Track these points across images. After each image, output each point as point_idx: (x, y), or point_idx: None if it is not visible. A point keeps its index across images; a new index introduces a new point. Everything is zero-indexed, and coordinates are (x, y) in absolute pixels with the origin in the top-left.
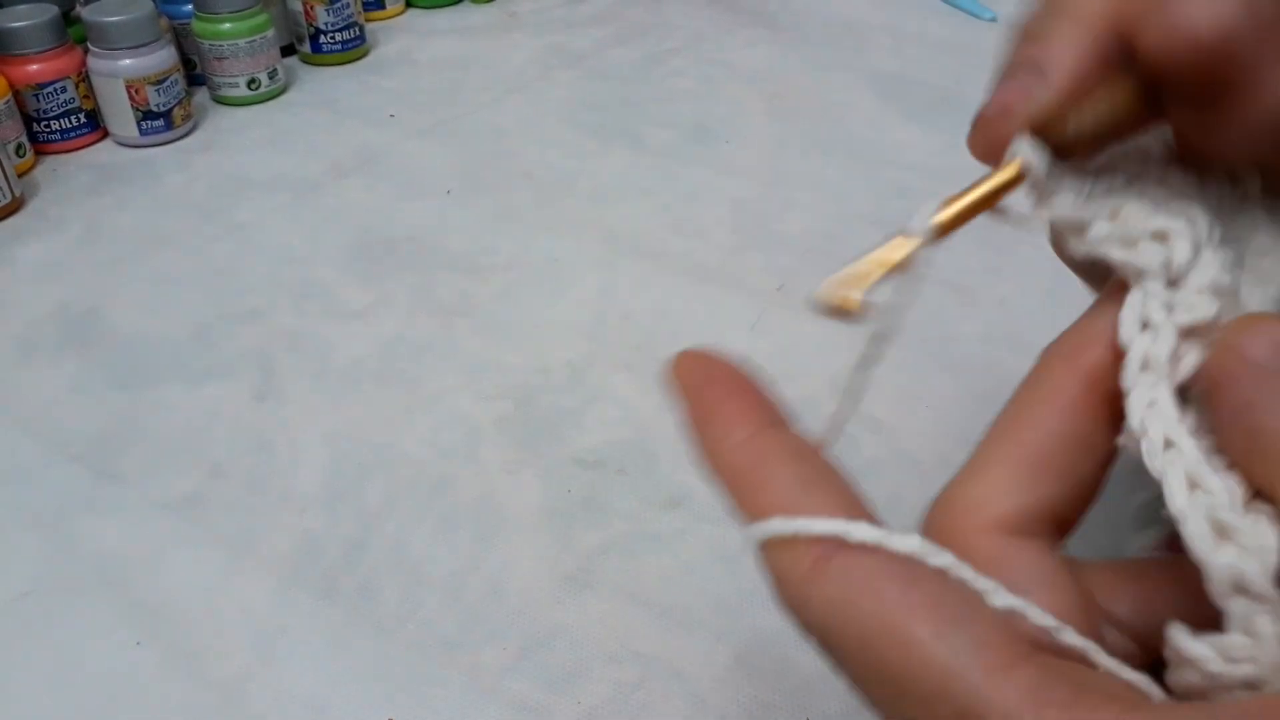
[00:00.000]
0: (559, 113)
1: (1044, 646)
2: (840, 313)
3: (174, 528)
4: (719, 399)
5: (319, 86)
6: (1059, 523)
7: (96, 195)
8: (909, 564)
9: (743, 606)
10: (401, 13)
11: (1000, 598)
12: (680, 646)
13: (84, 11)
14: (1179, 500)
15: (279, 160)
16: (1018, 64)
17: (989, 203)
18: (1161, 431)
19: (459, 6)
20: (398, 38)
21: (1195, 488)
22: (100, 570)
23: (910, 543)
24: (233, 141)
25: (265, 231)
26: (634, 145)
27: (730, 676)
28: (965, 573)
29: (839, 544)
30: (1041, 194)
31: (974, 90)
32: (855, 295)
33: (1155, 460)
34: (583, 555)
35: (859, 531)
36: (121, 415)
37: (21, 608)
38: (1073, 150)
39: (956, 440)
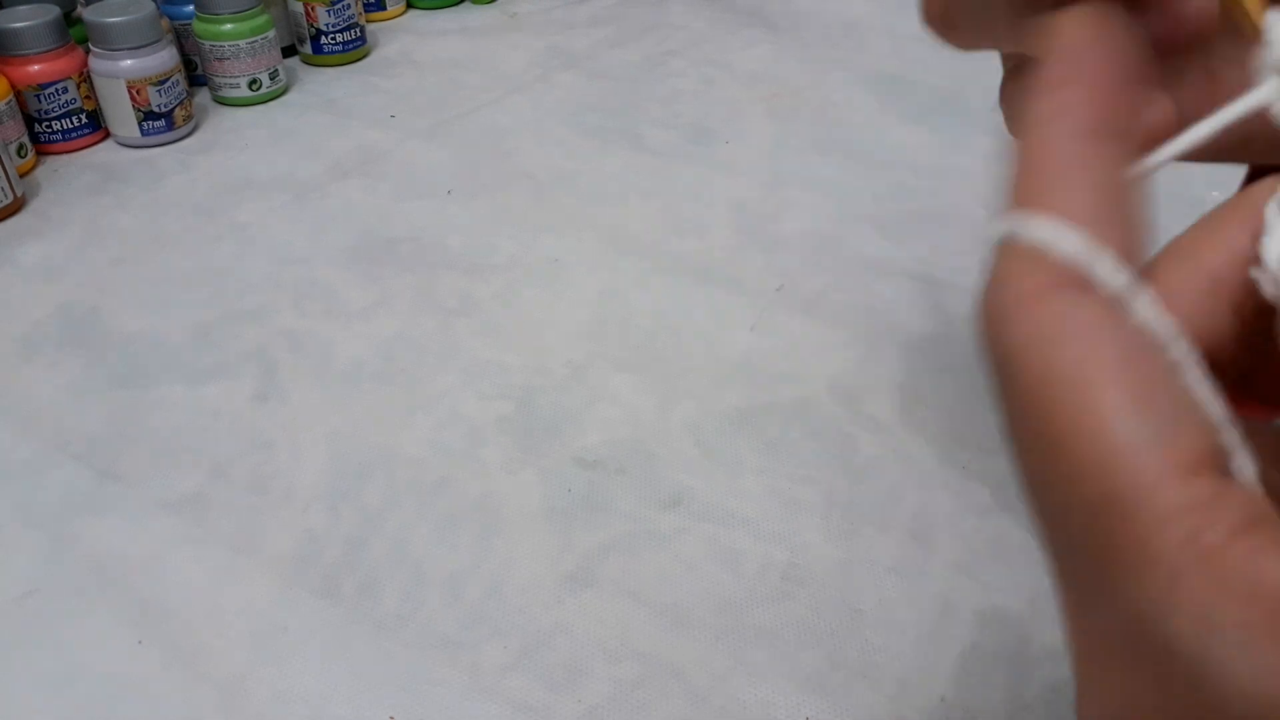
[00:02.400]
0: (559, 113)
1: (1224, 467)
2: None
3: (174, 527)
4: (1085, 73)
5: (320, 87)
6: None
7: (97, 195)
8: (1140, 338)
9: (743, 606)
10: (402, 13)
11: (1208, 391)
12: (680, 646)
13: (85, 12)
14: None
15: (280, 160)
16: None
17: None
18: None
19: (459, 7)
20: (398, 38)
21: None
22: (101, 570)
23: (1157, 319)
24: (234, 142)
25: (266, 231)
26: (634, 145)
27: (730, 676)
28: (1200, 380)
29: (1073, 280)
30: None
31: (974, 90)
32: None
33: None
34: (583, 555)
35: (1109, 276)
36: (122, 415)
37: (22, 608)
38: None
39: (957, 440)
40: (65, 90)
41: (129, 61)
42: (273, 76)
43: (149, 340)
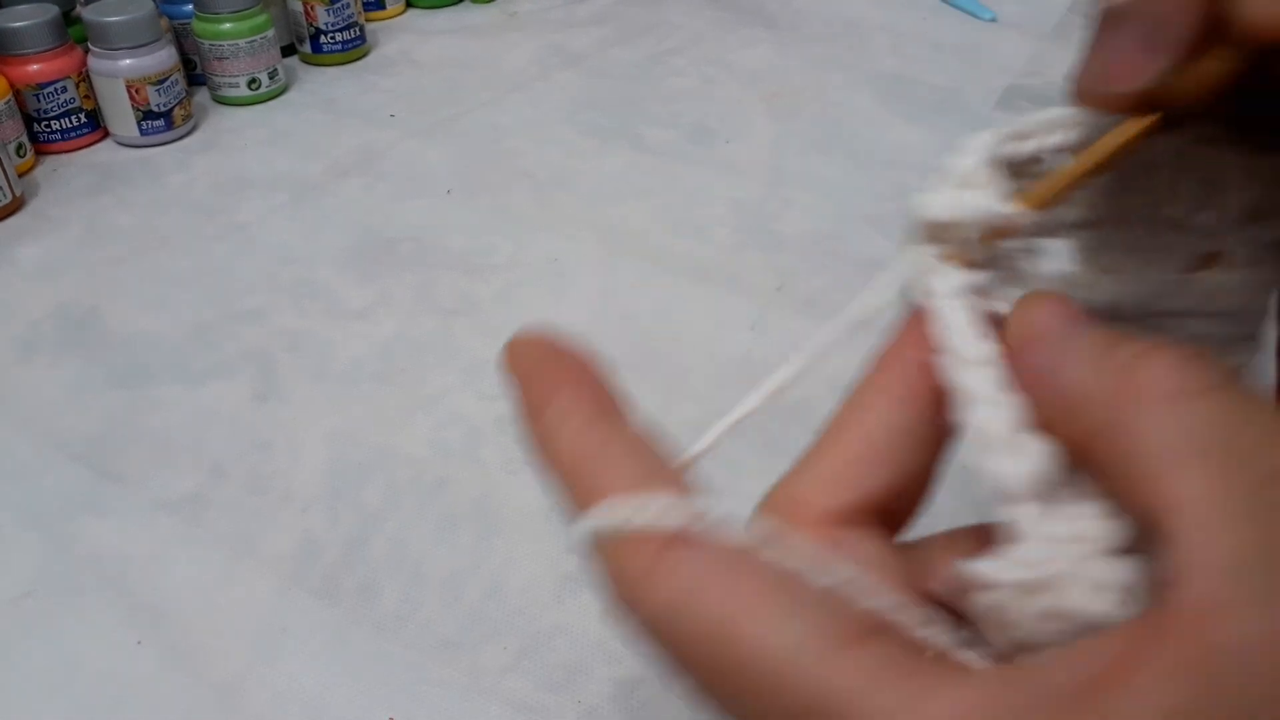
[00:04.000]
0: (559, 112)
1: (879, 627)
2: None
3: (174, 527)
4: (554, 384)
5: (319, 86)
6: (890, 515)
7: (97, 195)
8: (744, 557)
9: None
10: (402, 13)
11: (835, 573)
12: None
13: (84, 11)
14: (972, 411)
15: (279, 160)
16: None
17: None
18: (978, 386)
19: (459, 6)
20: (398, 38)
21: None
22: (100, 570)
23: (746, 535)
24: (233, 141)
25: (265, 231)
26: (634, 145)
27: None
28: (800, 560)
29: (676, 539)
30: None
31: (974, 90)
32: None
33: (958, 373)
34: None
35: (696, 522)
36: (121, 415)
37: (22, 608)
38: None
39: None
40: (64, 90)
41: (128, 61)
42: (272, 76)
43: (148, 340)
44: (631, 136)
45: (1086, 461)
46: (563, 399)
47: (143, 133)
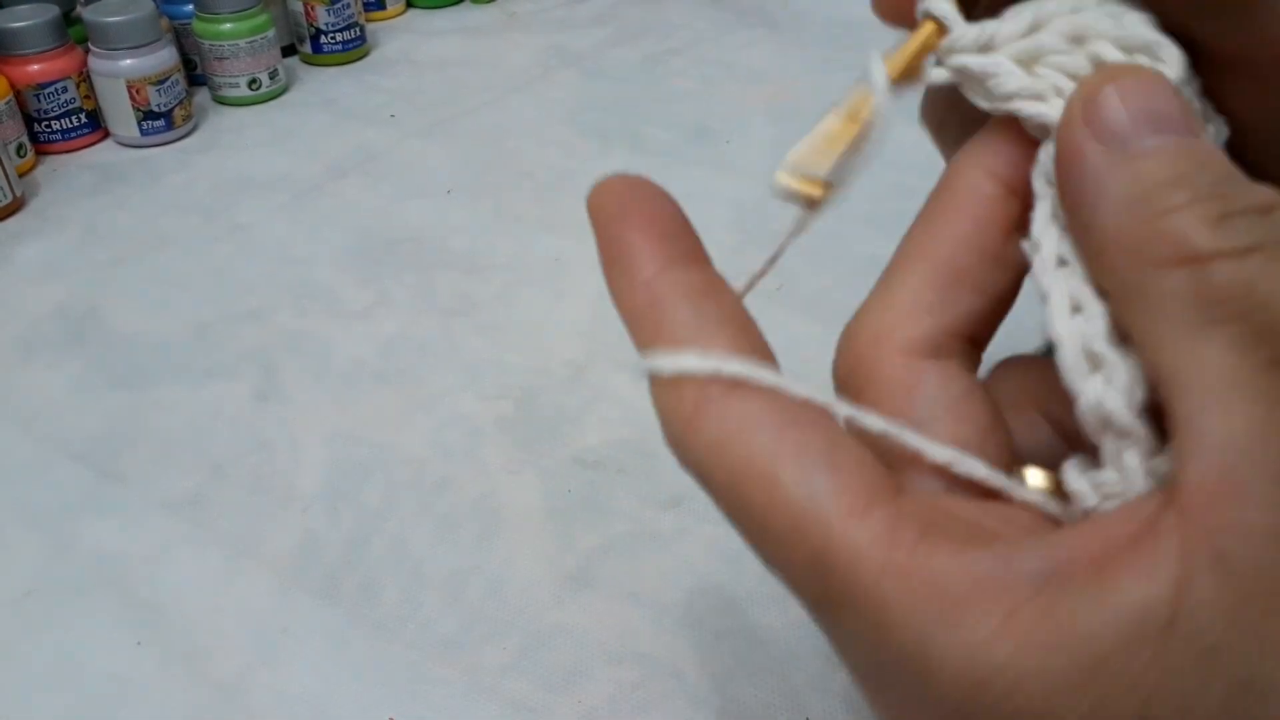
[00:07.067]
0: (559, 113)
1: (943, 474)
2: (804, 200)
3: (175, 527)
4: (630, 233)
5: (319, 86)
6: (972, 339)
7: (97, 195)
8: (787, 407)
9: (743, 606)
10: (402, 13)
11: (877, 426)
12: (680, 646)
13: (85, 12)
14: (1058, 324)
15: (279, 160)
16: None
17: (918, 58)
18: (1054, 248)
19: (459, 6)
20: (398, 38)
21: (1077, 311)
22: (101, 570)
23: (790, 387)
24: (233, 141)
25: (265, 231)
26: (634, 145)
27: (730, 676)
28: (842, 412)
29: (722, 386)
30: (949, 50)
31: None
32: (819, 177)
33: (1045, 277)
34: (583, 555)
35: (737, 370)
36: (122, 415)
37: (22, 608)
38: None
39: None
40: (65, 90)
41: (128, 61)
42: (272, 76)
43: (149, 340)
44: (631, 137)
45: (1118, 305)
46: (635, 242)
47: (143, 133)
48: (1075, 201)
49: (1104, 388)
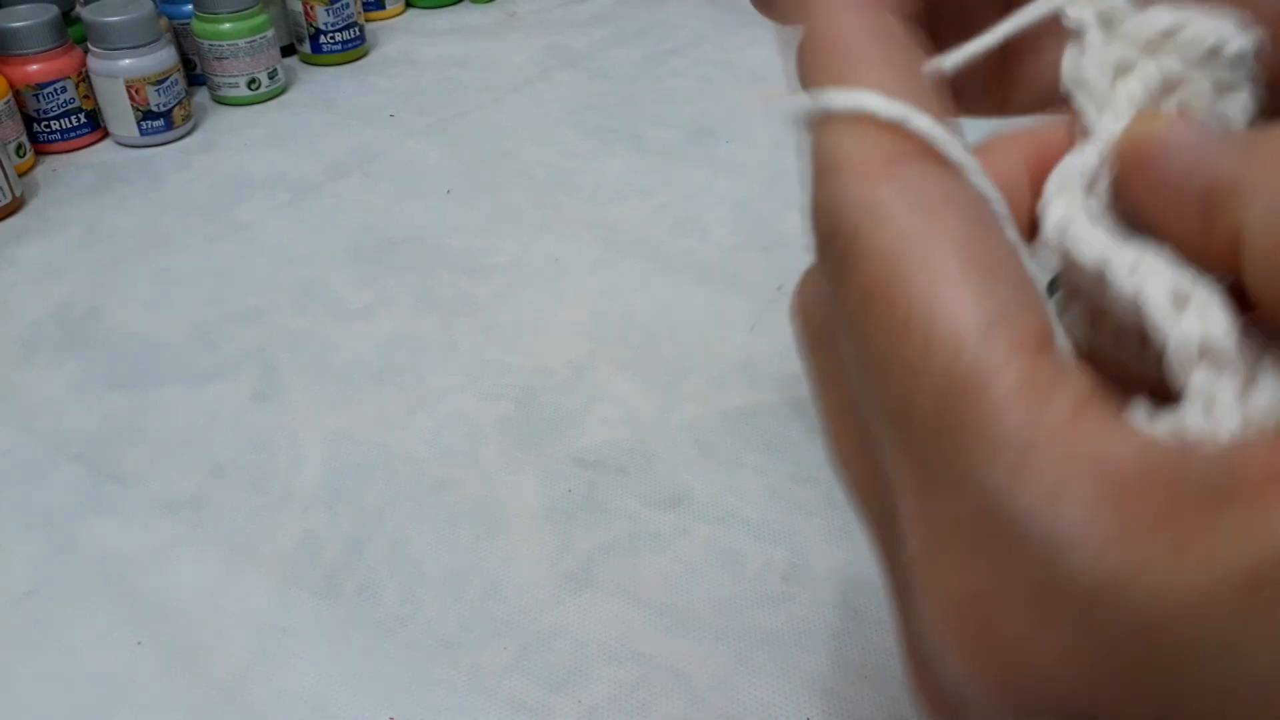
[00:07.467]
0: (559, 113)
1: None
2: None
3: (175, 528)
4: None
5: (319, 86)
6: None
7: (96, 195)
8: (980, 212)
9: (743, 606)
10: (401, 13)
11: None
12: (680, 646)
13: (84, 11)
14: (1123, 278)
15: (279, 160)
16: None
17: None
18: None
19: (459, 6)
20: (398, 38)
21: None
22: (101, 570)
23: (995, 194)
24: (233, 141)
25: (265, 231)
26: (634, 145)
27: (730, 676)
28: (1029, 258)
29: (920, 150)
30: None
31: None
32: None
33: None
34: (583, 555)
35: (949, 146)
36: (122, 415)
37: (22, 608)
38: None
39: None
40: (64, 90)
41: (128, 61)
42: (272, 76)
43: (149, 340)
44: (631, 137)
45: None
46: None
47: (142, 133)
48: (1163, 182)
49: (1200, 319)
